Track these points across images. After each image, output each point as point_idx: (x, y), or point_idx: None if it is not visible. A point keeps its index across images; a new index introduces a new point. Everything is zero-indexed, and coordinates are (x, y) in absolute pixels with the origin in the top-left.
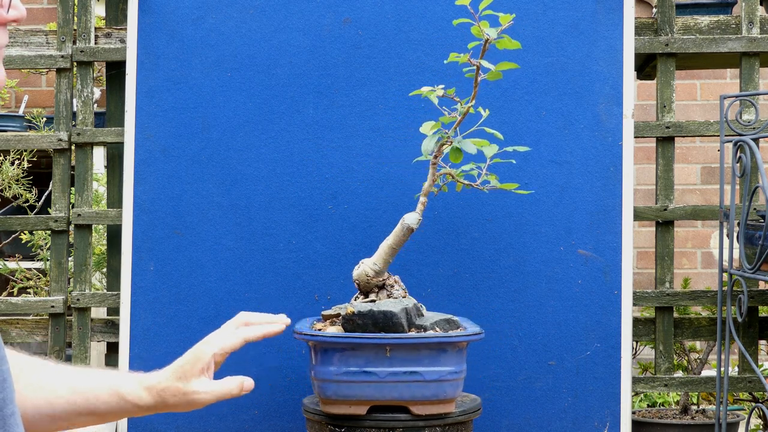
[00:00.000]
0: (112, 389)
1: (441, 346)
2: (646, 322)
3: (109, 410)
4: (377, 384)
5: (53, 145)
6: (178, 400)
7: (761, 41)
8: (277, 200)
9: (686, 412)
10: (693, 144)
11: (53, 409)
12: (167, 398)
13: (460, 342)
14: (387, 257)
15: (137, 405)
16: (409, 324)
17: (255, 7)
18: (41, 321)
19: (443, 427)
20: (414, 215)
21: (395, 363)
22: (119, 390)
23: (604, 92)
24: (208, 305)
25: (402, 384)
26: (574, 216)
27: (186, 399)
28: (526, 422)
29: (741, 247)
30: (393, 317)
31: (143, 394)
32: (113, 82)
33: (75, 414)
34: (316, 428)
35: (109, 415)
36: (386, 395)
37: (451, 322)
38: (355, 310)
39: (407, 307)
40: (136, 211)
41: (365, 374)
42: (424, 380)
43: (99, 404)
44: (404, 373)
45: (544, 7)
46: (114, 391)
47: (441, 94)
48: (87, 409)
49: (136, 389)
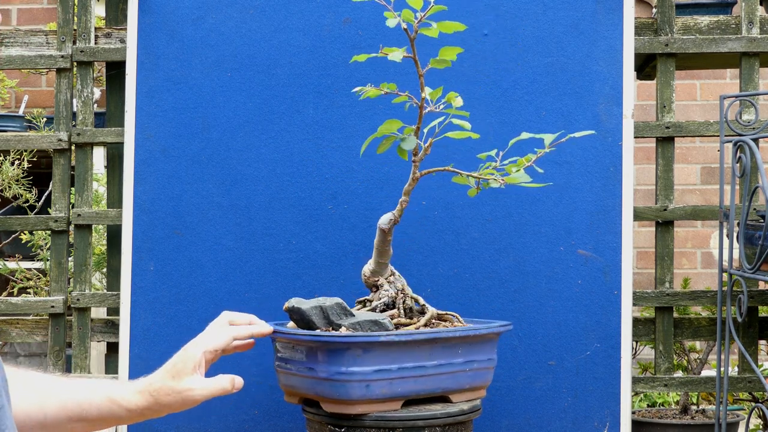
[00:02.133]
0: (104, 395)
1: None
2: (646, 322)
3: (100, 416)
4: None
5: (53, 145)
6: (171, 399)
7: (761, 41)
8: (277, 200)
9: (686, 412)
10: (693, 144)
11: (45, 416)
12: (161, 398)
13: (356, 343)
14: (376, 258)
15: (129, 409)
16: (327, 322)
17: (255, 7)
18: (41, 321)
19: (443, 427)
20: (387, 216)
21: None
22: (112, 395)
23: (604, 92)
24: (208, 305)
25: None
26: (574, 216)
27: (180, 397)
28: (526, 422)
29: (741, 247)
30: (304, 314)
31: (135, 397)
32: (113, 82)
33: (66, 419)
34: (316, 428)
35: (100, 421)
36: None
37: (379, 323)
38: (289, 306)
39: (323, 305)
40: (136, 211)
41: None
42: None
43: (91, 410)
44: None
45: (544, 7)
46: (106, 396)
47: (386, 92)
48: (79, 415)
49: (128, 393)
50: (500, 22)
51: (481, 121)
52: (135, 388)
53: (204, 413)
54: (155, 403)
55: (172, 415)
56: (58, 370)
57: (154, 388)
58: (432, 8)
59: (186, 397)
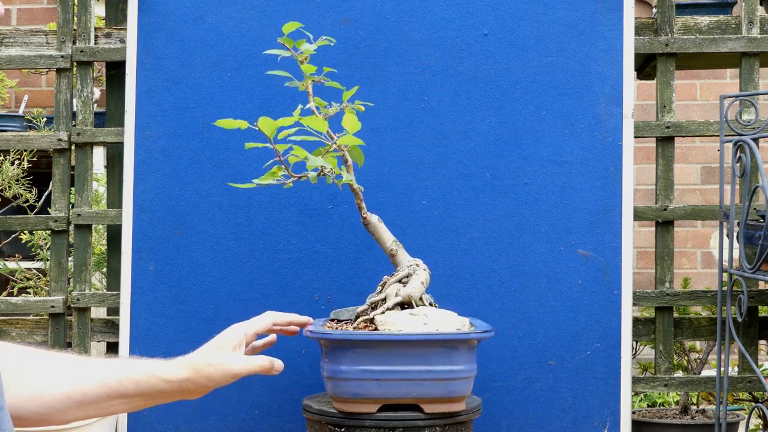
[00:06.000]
0: (145, 369)
1: None
2: (646, 322)
3: (138, 390)
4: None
5: (53, 145)
6: (212, 369)
7: (761, 41)
8: (277, 200)
9: (686, 412)
10: (693, 144)
11: (84, 395)
12: (201, 369)
13: None
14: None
15: (168, 380)
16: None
17: (255, 7)
18: (41, 321)
19: (443, 427)
20: None
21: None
22: (151, 369)
23: (604, 92)
24: (208, 305)
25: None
26: (574, 216)
27: (221, 368)
28: (526, 422)
29: (741, 247)
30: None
31: (176, 368)
32: (113, 82)
33: (105, 397)
34: (316, 428)
35: (140, 396)
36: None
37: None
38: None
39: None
40: (136, 211)
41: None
42: None
43: (130, 385)
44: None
45: (544, 7)
46: (146, 371)
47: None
48: (117, 391)
49: (169, 366)
50: (500, 22)
51: (481, 121)
52: (177, 361)
53: (204, 413)
54: (195, 373)
55: (173, 414)
56: None
57: (194, 361)
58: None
59: (226, 369)
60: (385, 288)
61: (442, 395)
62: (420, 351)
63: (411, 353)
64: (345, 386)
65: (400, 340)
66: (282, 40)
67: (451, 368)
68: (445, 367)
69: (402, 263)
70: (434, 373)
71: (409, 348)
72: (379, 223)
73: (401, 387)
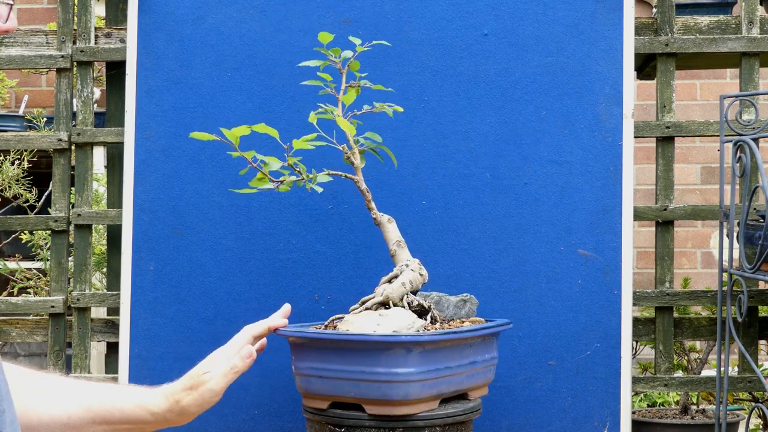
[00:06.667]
0: (130, 399)
1: None
2: (646, 322)
3: (124, 418)
4: None
5: (53, 145)
6: (192, 397)
7: (761, 41)
8: (277, 200)
9: (686, 412)
10: (693, 144)
11: (69, 417)
12: (181, 398)
13: None
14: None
15: (152, 411)
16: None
17: (255, 7)
18: (41, 321)
19: (443, 426)
20: None
21: None
22: (137, 400)
23: (604, 92)
24: (208, 305)
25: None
26: (574, 216)
27: (198, 392)
28: (526, 422)
29: (741, 247)
30: None
31: (159, 400)
32: (113, 82)
33: (90, 421)
34: (316, 428)
35: (124, 423)
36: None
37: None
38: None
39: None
40: (136, 211)
41: None
42: None
43: (115, 412)
44: None
45: (544, 7)
46: (132, 400)
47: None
48: (102, 417)
49: (153, 397)
50: (500, 22)
51: (481, 121)
52: (159, 392)
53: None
54: (175, 404)
55: None
56: (58, 370)
57: (173, 390)
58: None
59: (203, 390)
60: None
61: (377, 397)
62: (361, 351)
63: (354, 353)
64: (300, 381)
65: (339, 339)
66: (320, 49)
67: (389, 371)
68: (382, 369)
69: (399, 263)
70: (371, 374)
71: (350, 347)
72: (388, 223)
73: (344, 385)
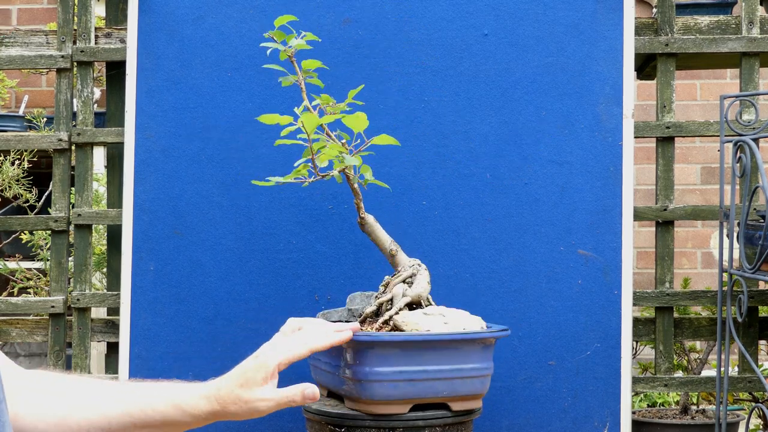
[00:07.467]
0: (169, 401)
1: None
2: (646, 322)
3: (164, 421)
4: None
5: (53, 145)
6: (238, 407)
7: (761, 41)
8: (277, 200)
9: (686, 412)
10: (693, 144)
11: (109, 423)
12: (227, 406)
13: None
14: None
15: (193, 414)
16: None
17: (255, 7)
18: (41, 321)
19: (443, 427)
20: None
21: None
22: (176, 401)
23: (604, 92)
24: (208, 305)
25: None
26: (574, 216)
27: (247, 407)
28: (526, 422)
29: (741, 247)
30: None
31: (201, 402)
32: (113, 82)
33: (131, 426)
34: (316, 428)
35: (164, 426)
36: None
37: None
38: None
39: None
40: (136, 211)
41: None
42: None
43: (155, 416)
44: None
45: (544, 7)
46: (171, 402)
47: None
48: (143, 421)
49: (193, 398)
50: (500, 22)
51: (481, 121)
52: (201, 393)
53: None
54: (221, 410)
55: None
56: (59, 370)
57: (221, 394)
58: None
59: (253, 407)
60: (390, 288)
61: (469, 393)
62: (454, 350)
63: (444, 352)
64: (376, 388)
65: (434, 339)
66: (271, 33)
67: (480, 366)
68: (475, 365)
69: (403, 263)
70: (465, 371)
71: (444, 347)
72: (375, 223)
73: (432, 386)
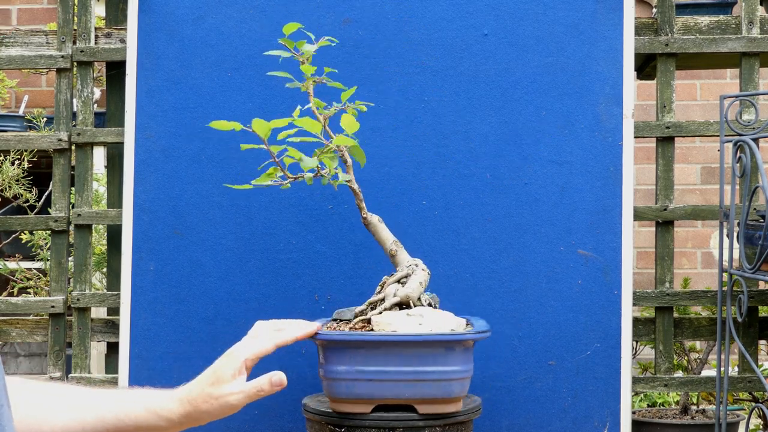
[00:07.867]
0: (142, 405)
1: None
2: (646, 322)
3: (137, 426)
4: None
5: (53, 145)
6: (209, 405)
7: (761, 41)
8: (277, 200)
9: (686, 412)
10: (693, 144)
11: (83, 429)
12: (199, 405)
13: None
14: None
15: (167, 418)
16: None
17: (255, 7)
18: (41, 321)
19: (443, 427)
20: None
21: None
22: (149, 405)
23: (604, 92)
24: (208, 305)
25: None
26: (574, 216)
27: (218, 403)
28: (526, 422)
29: (741, 247)
30: None
31: (174, 405)
32: (113, 82)
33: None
34: (316, 428)
35: (139, 430)
36: None
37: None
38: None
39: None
40: (136, 211)
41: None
42: None
43: (128, 421)
44: None
45: (544, 7)
46: (144, 407)
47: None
48: (116, 427)
49: (166, 402)
50: (500, 22)
51: (481, 121)
52: (174, 396)
53: None
54: (194, 411)
55: None
56: (58, 370)
57: (192, 396)
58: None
59: (224, 402)
60: (384, 288)
61: (436, 396)
62: (413, 352)
63: (404, 354)
64: (335, 386)
65: (393, 341)
66: (283, 40)
67: (446, 369)
68: (439, 368)
69: (402, 263)
70: (428, 374)
71: (402, 349)
72: (379, 223)
73: (394, 387)
